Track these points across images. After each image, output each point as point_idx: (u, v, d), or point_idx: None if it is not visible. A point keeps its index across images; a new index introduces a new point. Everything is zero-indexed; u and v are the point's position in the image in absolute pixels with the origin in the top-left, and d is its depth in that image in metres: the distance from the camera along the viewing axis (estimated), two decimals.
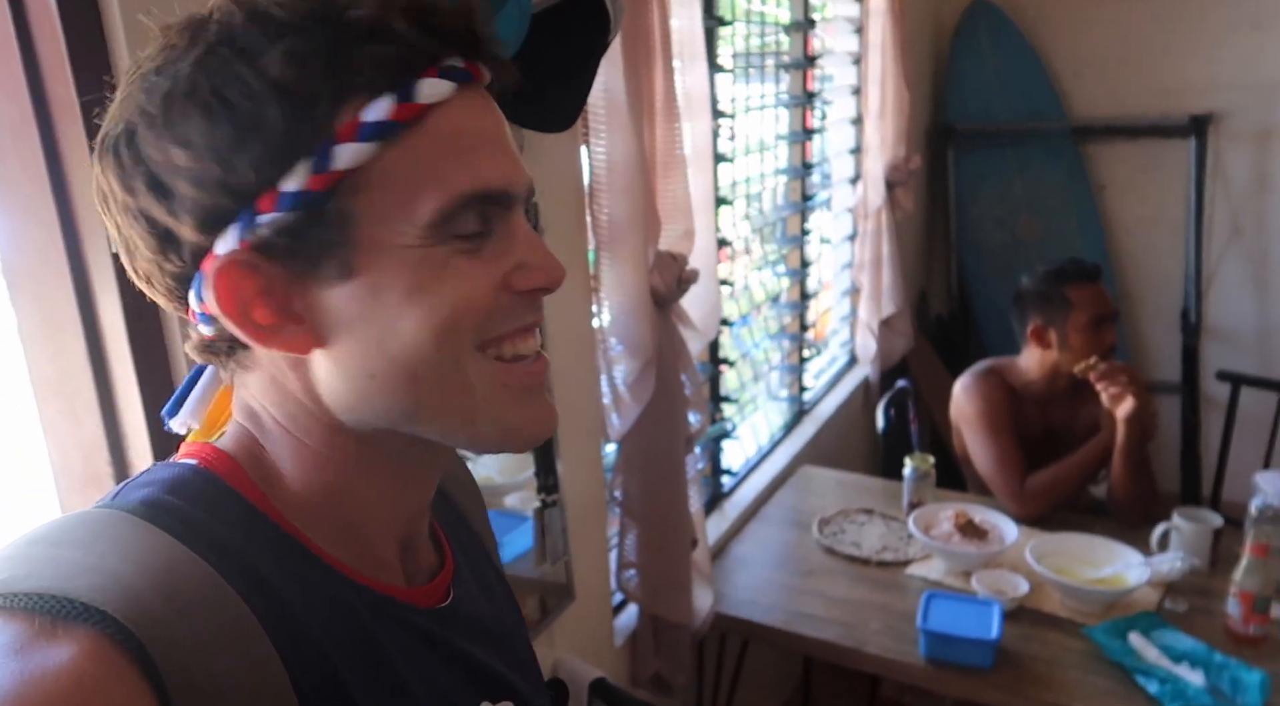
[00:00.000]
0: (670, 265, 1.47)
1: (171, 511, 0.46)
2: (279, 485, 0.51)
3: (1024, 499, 1.94)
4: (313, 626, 0.46)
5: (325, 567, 0.49)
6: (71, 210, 0.73)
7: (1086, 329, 1.96)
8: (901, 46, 2.59)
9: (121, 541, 0.43)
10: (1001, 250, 3.42)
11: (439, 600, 0.56)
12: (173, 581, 0.42)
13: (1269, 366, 3.13)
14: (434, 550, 0.60)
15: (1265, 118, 3.03)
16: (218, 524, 0.47)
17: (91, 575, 0.41)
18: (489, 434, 0.50)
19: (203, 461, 0.50)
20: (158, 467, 0.51)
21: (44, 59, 0.70)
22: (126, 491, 0.48)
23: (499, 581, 0.67)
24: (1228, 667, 1.48)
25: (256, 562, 0.46)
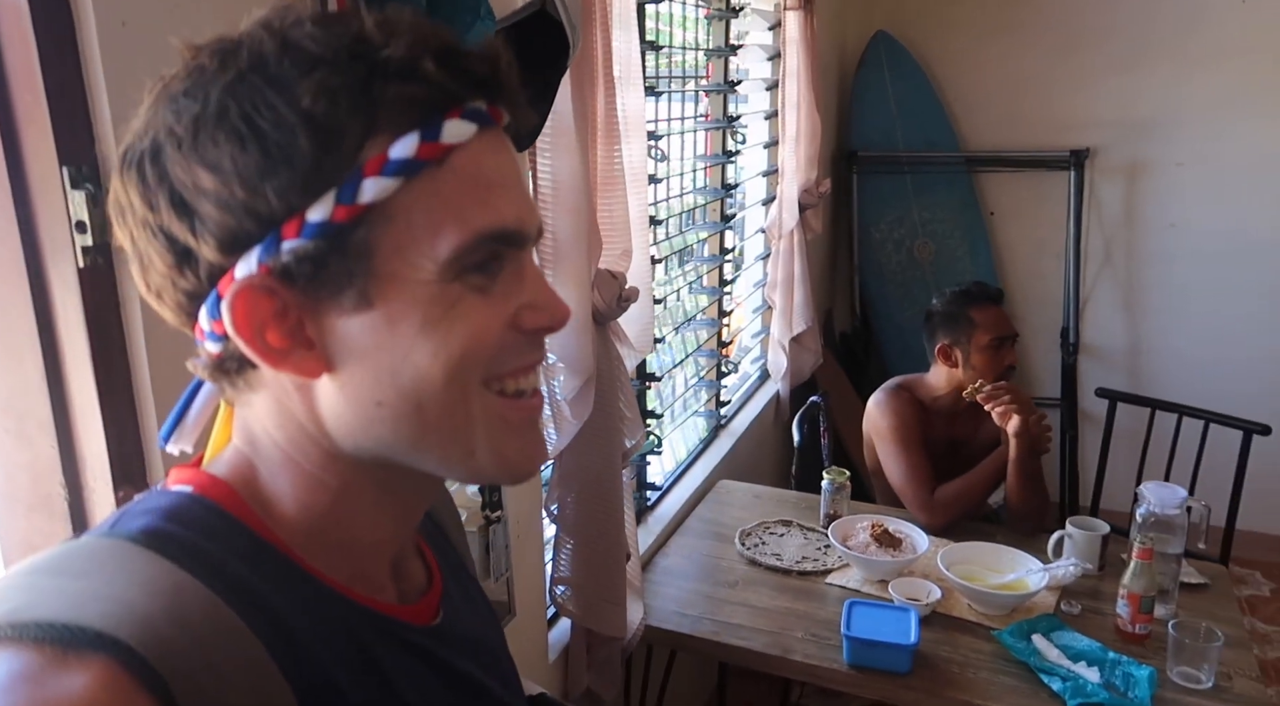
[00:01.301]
0: (610, 283, 1.50)
1: (174, 539, 0.46)
2: (275, 509, 0.51)
3: (933, 510, 2.05)
4: (317, 649, 0.47)
5: (326, 590, 0.50)
6: (34, 221, 0.70)
7: (988, 349, 2.10)
8: (813, 75, 2.70)
9: (128, 569, 0.43)
10: (901, 271, 3.60)
11: (430, 618, 0.57)
12: (182, 609, 0.42)
13: (1138, 383, 3.40)
14: (421, 568, 0.61)
15: (1135, 153, 3.30)
16: (220, 551, 0.47)
17: (102, 603, 0.41)
18: (486, 466, 0.51)
19: (199, 488, 0.50)
20: (153, 495, 0.51)
21: (11, 70, 0.67)
22: (124, 520, 0.48)
23: (481, 597, 0.69)
24: (1120, 664, 1.60)
25: (260, 588, 0.46)
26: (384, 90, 0.45)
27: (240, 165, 0.44)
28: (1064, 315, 3.46)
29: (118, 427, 0.75)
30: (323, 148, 0.44)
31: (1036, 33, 3.32)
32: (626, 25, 1.55)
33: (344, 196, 0.45)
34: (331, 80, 0.44)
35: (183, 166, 0.45)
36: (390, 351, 0.47)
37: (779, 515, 2.20)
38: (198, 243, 0.46)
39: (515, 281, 0.50)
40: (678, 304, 2.50)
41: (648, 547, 2.05)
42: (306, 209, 0.45)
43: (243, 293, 0.46)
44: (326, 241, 0.45)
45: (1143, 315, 3.43)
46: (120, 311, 0.73)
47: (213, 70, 0.45)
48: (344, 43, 0.45)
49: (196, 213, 0.45)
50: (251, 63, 0.45)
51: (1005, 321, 2.12)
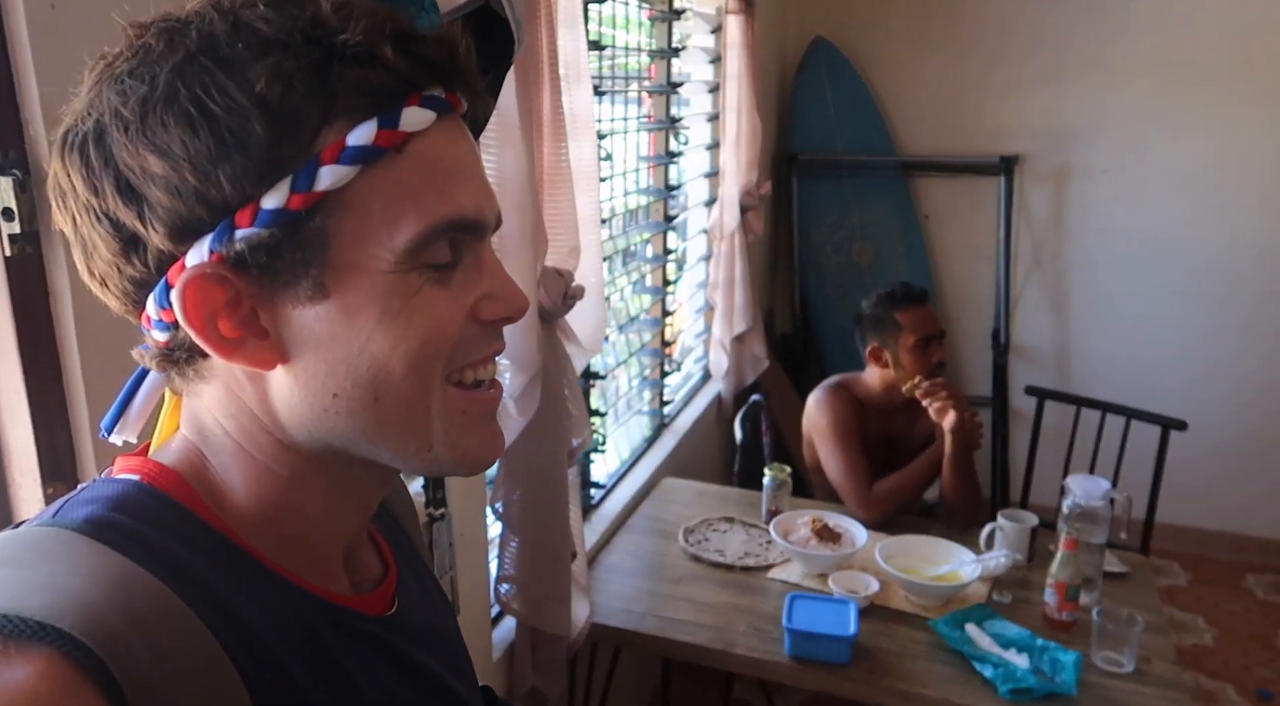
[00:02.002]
0: (556, 281, 1.50)
1: (119, 528, 0.45)
2: (225, 499, 0.50)
3: (870, 504, 2.10)
4: (268, 638, 0.46)
5: (277, 579, 0.49)
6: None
7: (915, 348, 2.16)
8: (754, 78, 2.74)
9: (72, 559, 0.42)
10: (839, 273, 3.67)
11: (385, 608, 0.57)
12: (129, 598, 0.41)
13: (1065, 382, 3.53)
14: (376, 559, 0.60)
15: (1060, 160, 3.43)
16: (167, 540, 0.46)
17: (45, 593, 0.40)
18: (444, 458, 0.51)
19: (146, 477, 0.49)
20: (98, 484, 0.49)
21: None
22: (67, 509, 0.46)
23: (436, 589, 0.68)
24: (1048, 650, 1.66)
25: (208, 577, 0.46)
26: (341, 75, 0.44)
27: (192, 150, 0.43)
28: (995, 316, 3.57)
29: (47, 421, 0.72)
30: (278, 134, 0.43)
31: (969, 43, 3.42)
32: (572, 23, 1.55)
33: (299, 184, 0.44)
34: (286, 64, 0.43)
35: (130, 150, 0.44)
36: (347, 342, 0.46)
37: (722, 512, 2.23)
38: (146, 229, 0.45)
39: (475, 271, 0.50)
40: (621, 304, 2.51)
41: (592, 545, 2.05)
42: (261, 196, 0.44)
43: (194, 281, 0.45)
44: (281, 229, 0.44)
45: (1069, 316, 3.56)
46: (50, 301, 0.71)
47: (160, 50, 0.44)
48: (299, 25, 0.44)
49: (145, 198, 0.44)
50: (201, 44, 0.44)
51: (930, 321, 2.18)
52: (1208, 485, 3.42)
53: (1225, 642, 2.99)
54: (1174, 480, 2.72)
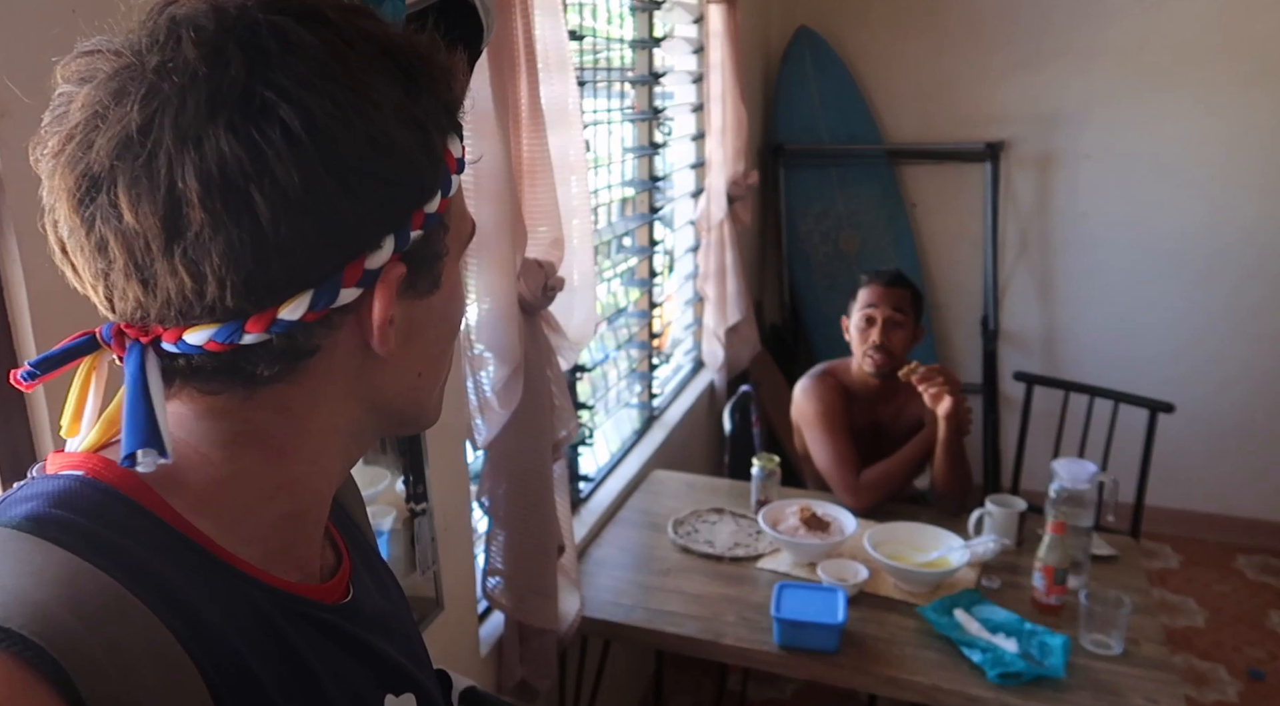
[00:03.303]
0: (536, 272, 1.49)
1: (62, 524, 0.43)
2: (184, 489, 0.49)
3: (858, 492, 2.09)
4: (223, 631, 0.46)
5: (230, 569, 0.49)
6: None
7: (857, 324, 2.17)
8: (738, 68, 2.73)
9: (14, 558, 0.41)
10: (827, 262, 3.66)
11: (341, 596, 0.57)
12: (77, 594, 0.40)
13: (1054, 367, 3.53)
14: (330, 549, 0.60)
15: (1045, 146, 3.43)
16: (114, 534, 0.44)
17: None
18: (434, 415, 0.59)
19: (90, 472, 0.48)
20: (37, 480, 0.48)
21: None
22: (4, 507, 0.45)
23: (389, 576, 0.69)
24: (1036, 634, 1.66)
25: (161, 571, 0.45)
26: (441, 97, 0.49)
27: (385, 164, 0.46)
28: (984, 303, 3.57)
29: (5, 418, 0.71)
30: (428, 147, 0.48)
31: (952, 30, 3.41)
32: (550, 12, 1.54)
33: (445, 191, 0.49)
34: (422, 100, 0.47)
35: (305, 171, 0.43)
36: (436, 325, 0.53)
37: (711, 503, 2.22)
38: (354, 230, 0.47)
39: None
40: (609, 296, 2.50)
41: (581, 538, 2.04)
42: (425, 203, 0.48)
43: (392, 280, 0.48)
44: (431, 232, 0.50)
45: (1056, 301, 3.56)
46: (4, 298, 0.70)
47: (304, 70, 0.44)
48: (406, 47, 0.47)
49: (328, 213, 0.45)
50: (338, 71, 0.44)
51: (876, 299, 2.16)
52: (1196, 467, 3.43)
53: (1216, 623, 3.00)
54: (1163, 462, 2.72)
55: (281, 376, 0.48)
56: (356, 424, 0.53)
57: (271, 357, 0.47)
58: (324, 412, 0.51)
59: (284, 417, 0.50)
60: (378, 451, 1.37)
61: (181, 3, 0.45)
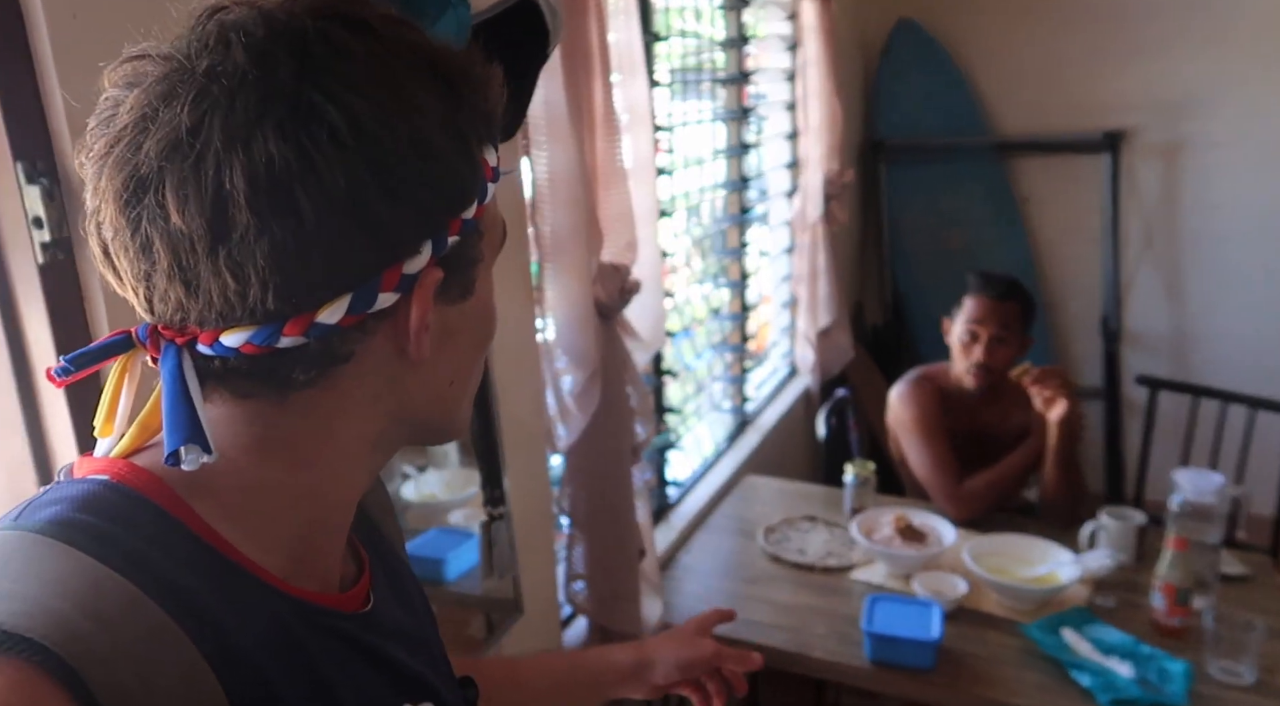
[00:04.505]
0: (613, 276, 1.48)
1: (85, 529, 0.43)
2: (209, 495, 0.48)
3: (960, 501, 1.99)
4: (240, 636, 0.45)
5: (250, 577, 0.48)
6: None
7: (960, 338, 2.05)
8: (833, 63, 2.66)
9: (36, 563, 0.41)
10: (931, 261, 3.52)
11: (360, 605, 0.56)
12: (98, 601, 0.40)
13: (1182, 370, 3.28)
14: (351, 558, 0.60)
15: (1171, 134, 3.19)
16: (138, 540, 0.44)
17: (10, 601, 0.39)
18: (463, 426, 0.57)
19: (116, 476, 0.48)
20: (63, 485, 0.48)
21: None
22: (29, 511, 0.45)
23: (414, 586, 0.68)
24: (1154, 658, 1.54)
25: (183, 579, 0.44)
26: (478, 107, 0.49)
27: (429, 173, 0.46)
28: (1104, 302, 3.36)
29: (86, 423, 0.75)
30: (467, 154, 0.48)
31: (1067, 14, 3.22)
32: (626, 15, 1.53)
33: (481, 198, 0.49)
34: (466, 109, 0.48)
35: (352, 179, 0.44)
36: (470, 332, 0.52)
37: (805, 510, 2.16)
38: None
39: None
40: (702, 299, 2.48)
41: (669, 544, 2.02)
42: (463, 210, 0.48)
43: (430, 285, 0.48)
44: (467, 239, 0.50)
45: (1185, 300, 3.31)
46: (83, 306, 0.73)
47: (357, 73, 0.44)
48: (444, 54, 0.48)
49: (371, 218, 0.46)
50: (394, 74, 0.46)
51: (983, 315, 2.02)
52: None
53: None
54: None
55: (314, 382, 0.48)
56: (384, 433, 0.53)
57: (307, 362, 0.47)
58: (353, 420, 0.51)
59: (313, 424, 0.50)
60: (462, 454, 1.39)
61: (230, 9, 0.46)
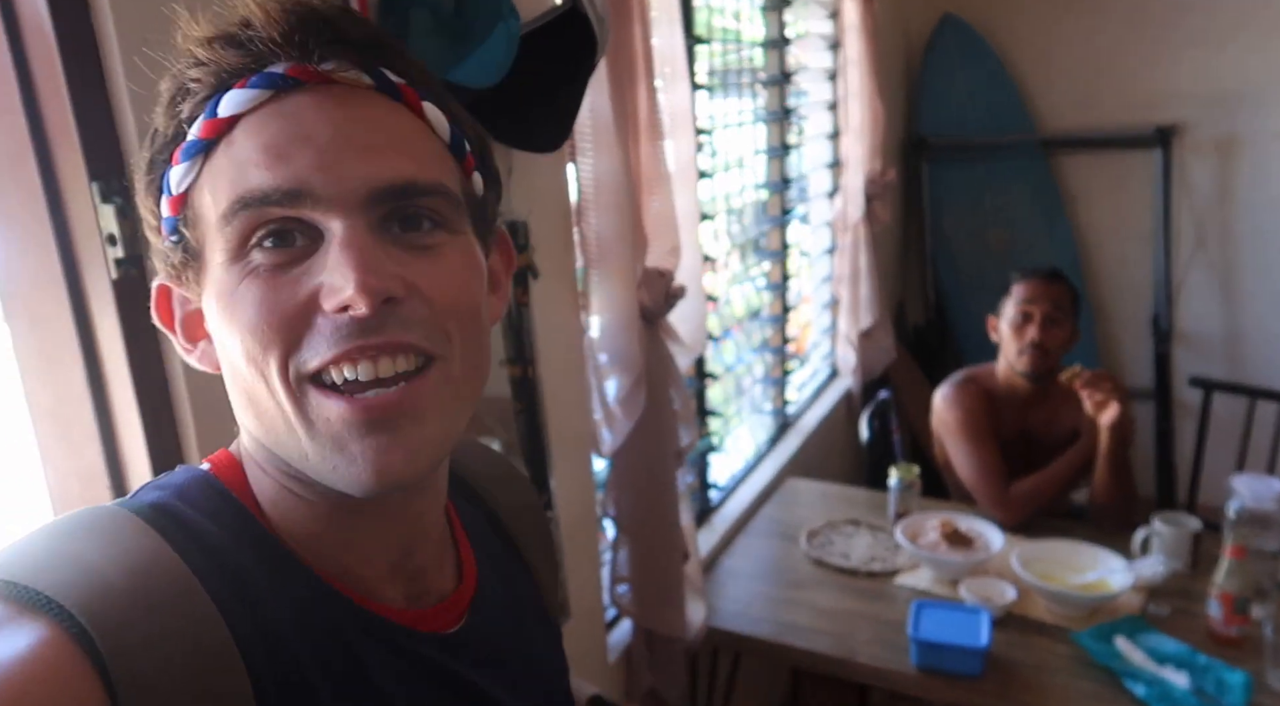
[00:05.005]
0: (657, 281, 1.49)
1: (172, 514, 0.47)
2: (265, 497, 0.51)
3: (1008, 505, 1.97)
4: (294, 642, 0.46)
5: (314, 581, 0.49)
6: (70, 236, 0.73)
7: (1012, 321, 2.03)
8: (875, 62, 2.63)
9: (113, 539, 0.44)
10: (975, 261, 3.47)
11: (446, 625, 0.54)
12: (147, 581, 0.42)
13: (1237, 371, 3.20)
14: (453, 569, 0.58)
15: (1226, 128, 3.11)
16: (215, 530, 0.47)
17: (63, 570, 0.42)
18: (323, 472, 0.46)
19: (214, 467, 0.51)
20: (178, 471, 0.52)
21: (41, 90, 0.70)
22: (144, 492, 0.50)
23: (539, 619, 0.65)
24: (1212, 669, 1.51)
25: (245, 571, 0.46)
26: (186, 83, 0.46)
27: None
28: (1155, 301, 3.29)
29: (157, 433, 0.77)
30: (155, 151, 0.48)
31: (1113, 5, 3.16)
32: (669, 20, 1.53)
33: (165, 190, 0.47)
34: (168, 84, 0.47)
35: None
36: (219, 340, 0.47)
37: (848, 514, 2.15)
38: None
39: (324, 257, 0.44)
40: (742, 300, 2.47)
41: (712, 548, 2.02)
42: (159, 206, 0.48)
43: (158, 287, 0.51)
44: (175, 235, 0.47)
45: (1241, 299, 3.23)
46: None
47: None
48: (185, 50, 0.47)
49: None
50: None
51: (1034, 294, 2.01)
52: None
53: None
54: None
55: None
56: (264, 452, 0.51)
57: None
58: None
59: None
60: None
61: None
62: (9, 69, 0.68)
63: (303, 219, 0.44)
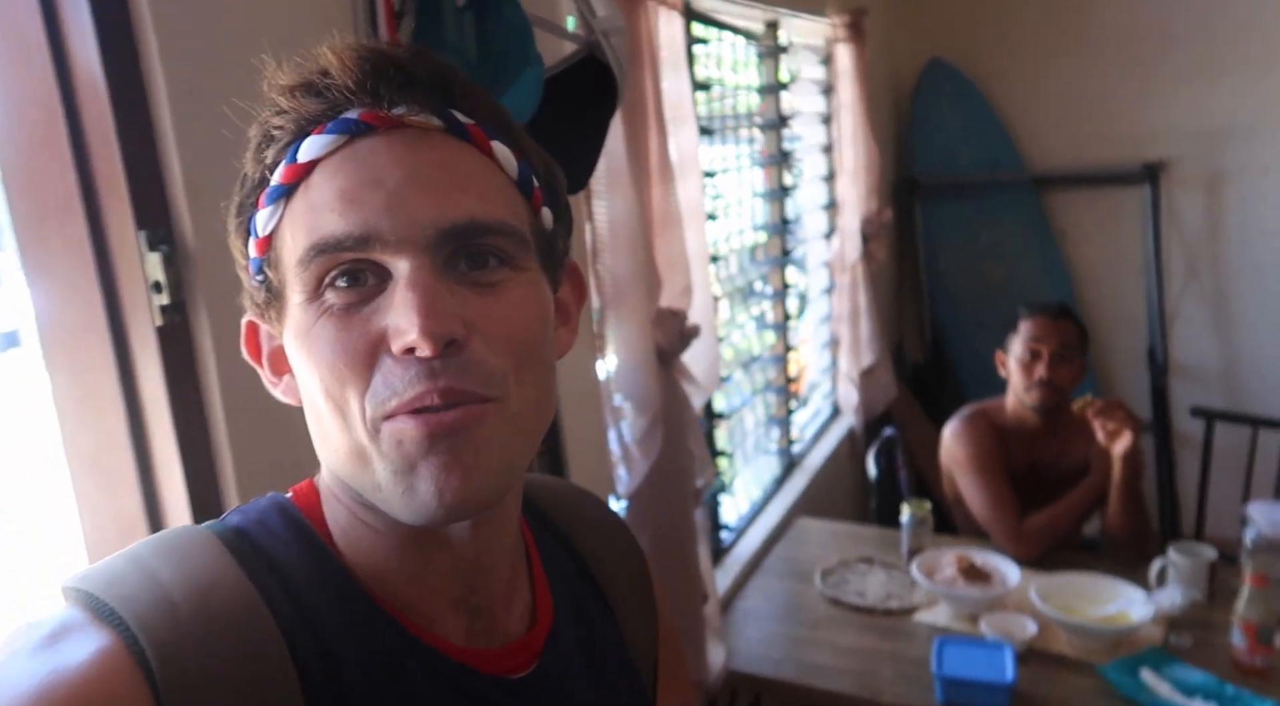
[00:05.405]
0: (671, 321, 1.50)
1: (252, 541, 0.49)
2: (337, 528, 0.52)
3: (1022, 539, 1.96)
4: (349, 663, 0.47)
5: (379, 614, 0.49)
6: (115, 284, 0.74)
7: (1021, 358, 2.04)
8: (867, 105, 2.69)
9: (186, 556, 0.47)
10: (971, 298, 3.51)
11: (515, 668, 0.53)
12: (209, 599, 0.44)
13: (1235, 401, 3.22)
14: (525, 611, 0.56)
15: (1213, 163, 3.18)
16: (285, 555, 0.49)
17: (133, 584, 0.44)
18: (393, 498, 0.46)
19: (296, 496, 0.53)
20: (267, 497, 0.54)
21: (91, 140, 0.71)
22: (232, 515, 0.52)
23: (623, 671, 0.62)
24: (1240, 700, 1.49)
25: (313, 599, 0.48)
26: (270, 131, 0.48)
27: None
28: (1149, 334, 3.32)
29: (198, 479, 0.77)
30: (243, 195, 0.50)
31: (1100, 47, 3.25)
32: (676, 66, 1.57)
33: (252, 233, 0.49)
34: (256, 132, 0.49)
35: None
36: (299, 377, 0.49)
37: (859, 552, 2.14)
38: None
39: (391, 298, 0.45)
40: (744, 342, 2.49)
41: (726, 589, 2.01)
42: (246, 249, 0.50)
43: (247, 323, 0.53)
44: (260, 275, 0.49)
45: (1236, 329, 3.27)
46: (196, 367, 0.76)
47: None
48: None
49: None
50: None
51: (1044, 334, 2.03)
52: None
53: None
54: None
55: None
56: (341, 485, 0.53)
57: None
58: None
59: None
60: None
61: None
62: (60, 118, 0.69)
63: (373, 260, 0.46)
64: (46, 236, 0.73)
